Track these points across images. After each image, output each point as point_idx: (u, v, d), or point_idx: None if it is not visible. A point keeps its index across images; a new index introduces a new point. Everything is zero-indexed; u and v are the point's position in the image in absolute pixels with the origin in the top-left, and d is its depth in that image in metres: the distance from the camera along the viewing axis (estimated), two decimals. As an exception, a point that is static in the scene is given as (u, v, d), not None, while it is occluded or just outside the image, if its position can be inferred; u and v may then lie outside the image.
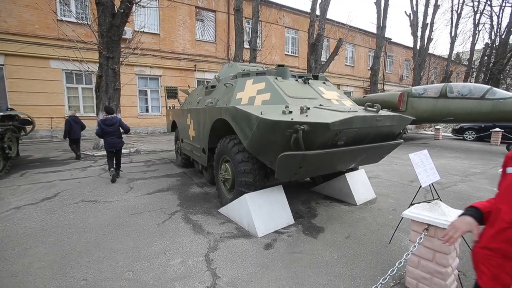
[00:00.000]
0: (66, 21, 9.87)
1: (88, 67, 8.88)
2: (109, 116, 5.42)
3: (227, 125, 3.46)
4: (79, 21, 9.18)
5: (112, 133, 5.27)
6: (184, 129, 5.74)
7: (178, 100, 7.90)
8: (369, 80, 18.34)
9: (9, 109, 7.33)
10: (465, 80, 23.71)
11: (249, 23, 14.02)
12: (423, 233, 1.96)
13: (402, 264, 1.79)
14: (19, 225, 3.31)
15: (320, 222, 3.44)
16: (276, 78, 3.64)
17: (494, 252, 1.12)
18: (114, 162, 5.50)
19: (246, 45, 13.37)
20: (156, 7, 13.27)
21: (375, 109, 2.99)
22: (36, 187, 4.85)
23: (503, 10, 21.99)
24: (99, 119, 7.86)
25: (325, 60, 14.61)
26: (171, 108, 7.40)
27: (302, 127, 2.41)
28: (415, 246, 1.85)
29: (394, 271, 1.76)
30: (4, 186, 4.90)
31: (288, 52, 18.92)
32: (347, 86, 22.35)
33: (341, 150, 2.78)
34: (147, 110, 14.21)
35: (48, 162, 7.07)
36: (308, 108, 2.77)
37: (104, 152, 6.67)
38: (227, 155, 3.59)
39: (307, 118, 2.53)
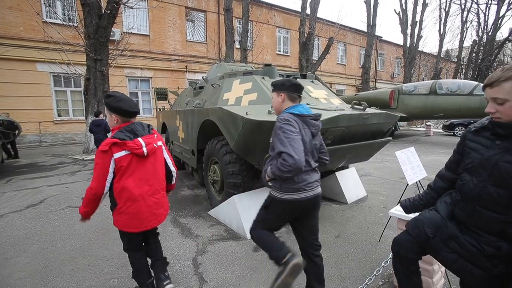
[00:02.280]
0: (51, 23, 9.66)
1: (75, 70, 8.71)
2: (97, 118, 6.67)
3: (215, 126, 3.41)
4: (65, 23, 8.99)
5: (98, 132, 6.43)
6: (174, 131, 5.66)
7: (168, 102, 7.81)
8: (361, 78, 18.49)
9: None
10: (454, 77, 24.11)
11: (239, 23, 13.98)
12: (409, 231, 1.94)
13: (388, 263, 1.78)
14: (1, 234, 3.20)
15: (310, 221, 3.42)
16: (263, 78, 3.61)
17: None
18: None
19: (237, 45, 13.32)
20: (145, 8, 13.11)
21: (362, 107, 2.98)
22: (22, 194, 4.72)
23: (489, 8, 22.48)
24: (89, 122, 7.87)
25: (317, 59, 14.66)
26: (161, 110, 7.32)
27: (287, 127, 2.37)
28: (401, 245, 1.83)
29: (380, 271, 1.74)
30: (-12, 193, 4.76)
31: (280, 51, 18.93)
32: (339, 84, 22.48)
33: (329, 149, 2.75)
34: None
35: (35, 167, 6.90)
36: (295, 108, 2.73)
37: (94, 156, 7.46)
38: (215, 156, 3.54)
39: (293, 118, 2.49)
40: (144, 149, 1.73)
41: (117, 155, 1.67)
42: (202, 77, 4.92)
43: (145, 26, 13.51)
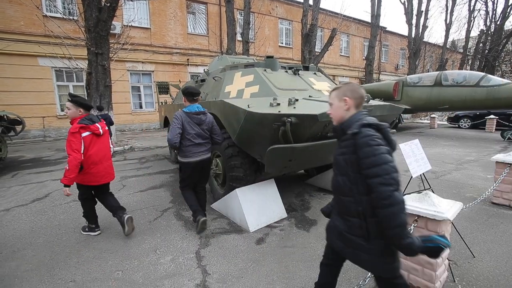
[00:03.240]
0: (52, 16, 9.59)
1: (77, 64, 8.68)
2: (101, 112, 7.16)
3: (216, 119, 3.39)
4: (65, 17, 8.92)
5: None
6: (176, 125, 5.65)
7: (170, 95, 7.79)
8: (364, 70, 18.22)
9: None
10: (460, 68, 23.65)
11: (241, 14, 13.76)
12: (413, 224, 1.93)
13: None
14: (7, 227, 3.25)
15: (313, 215, 3.42)
16: (265, 70, 3.56)
17: None
18: None
19: (239, 38, 13.15)
20: (145, 0, 12.94)
21: (365, 99, 2.93)
22: (27, 188, 4.77)
23: (498, -4, 21.79)
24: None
25: (320, 51, 14.44)
26: (163, 103, 7.30)
27: (289, 119, 2.35)
28: (404, 238, 1.83)
29: (383, 264, 1.74)
30: (-6, 188, 4.82)
31: (282, 43, 18.67)
32: (343, 76, 22.21)
33: (331, 142, 2.73)
34: (140, 107, 14.03)
35: (40, 162, 6.96)
36: (297, 100, 2.71)
37: None
38: (217, 150, 3.53)
39: (295, 110, 2.47)
40: (101, 130, 2.73)
41: (84, 134, 2.59)
42: (204, 70, 4.87)
43: (145, 19, 13.36)
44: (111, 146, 2.98)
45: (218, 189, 3.75)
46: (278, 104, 2.65)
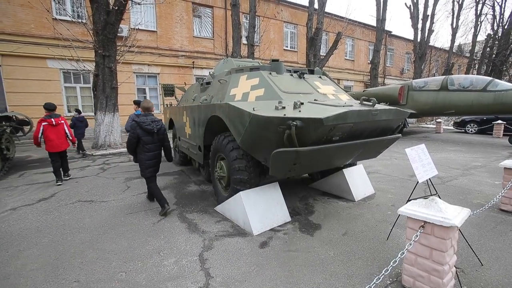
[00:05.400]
0: (61, 19, 9.77)
1: (84, 66, 8.81)
2: (80, 115, 7.99)
3: (221, 122, 3.40)
4: (74, 20, 9.09)
5: (81, 127, 7.93)
6: (180, 127, 5.68)
7: (175, 98, 7.85)
8: (369, 74, 18.15)
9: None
10: (467, 72, 23.39)
11: (247, 18, 13.85)
12: (419, 230, 1.90)
13: (397, 262, 1.74)
14: (14, 226, 3.29)
15: (317, 219, 3.40)
16: (270, 73, 3.56)
17: None
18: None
19: (244, 41, 13.22)
20: (152, 4, 13.12)
21: (371, 103, 2.91)
22: (34, 188, 4.83)
23: (505, 0, 21.59)
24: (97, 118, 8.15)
25: (325, 55, 14.44)
26: (168, 106, 7.35)
27: (294, 123, 2.34)
28: (410, 244, 1.80)
29: (389, 270, 1.71)
30: (2, 187, 4.89)
31: (287, 47, 18.72)
32: (347, 80, 22.15)
33: (336, 145, 2.72)
34: (146, 108, 14.12)
35: (47, 162, 7.04)
36: (302, 103, 2.70)
37: (103, 152, 8.33)
38: (222, 152, 3.53)
39: (300, 114, 2.46)
40: (53, 122, 4.85)
41: (43, 124, 4.78)
42: (209, 72, 4.90)
43: (152, 22, 13.54)
44: (67, 133, 5.12)
45: (222, 192, 3.74)
46: (283, 108, 2.65)
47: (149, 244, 2.81)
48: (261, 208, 3.13)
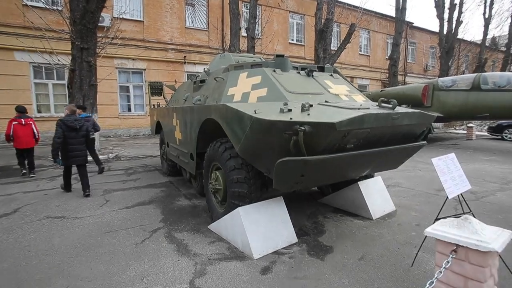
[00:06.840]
0: (32, 6, 9.93)
1: (59, 60, 8.89)
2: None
3: (217, 126, 3.42)
4: (48, 7, 9.23)
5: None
6: (169, 131, 5.70)
7: (164, 97, 7.90)
8: (388, 71, 18.32)
9: None
10: (503, 69, 23.61)
11: (246, 7, 14.06)
12: (451, 255, 1.88)
13: (424, 293, 1.72)
14: (-30, 247, 3.26)
15: (328, 240, 3.38)
16: (274, 71, 3.61)
17: None
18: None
19: (243, 33, 13.39)
20: (138, -10, 13.36)
21: (390, 105, 2.93)
22: (-5, 201, 4.81)
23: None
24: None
25: (336, 49, 14.60)
26: (156, 106, 7.40)
27: (303, 127, 2.35)
28: (440, 272, 1.78)
29: (415, 303, 1.69)
30: (-42, 200, 4.87)
31: (292, 40, 18.97)
32: (362, 78, 22.35)
33: (351, 154, 2.72)
34: (129, 109, 14.24)
35: (10, 171, 7.05)
36: (311, 105, 2.72)
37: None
38: (217, 161, 3.54)
39: (309, 117, 2.47)
40: (23, 122, 6.31)
41: (14, 123, 6.23)
42: (204, 69, 4.95)
43: (138, 11, 13.75)
44: (35, 132, 6.52)
45: (217, 207, 3.73)
46: (290, 110, 2.66)
47: (131, 269, 2.78)
48: (262, 226, 3.12)
